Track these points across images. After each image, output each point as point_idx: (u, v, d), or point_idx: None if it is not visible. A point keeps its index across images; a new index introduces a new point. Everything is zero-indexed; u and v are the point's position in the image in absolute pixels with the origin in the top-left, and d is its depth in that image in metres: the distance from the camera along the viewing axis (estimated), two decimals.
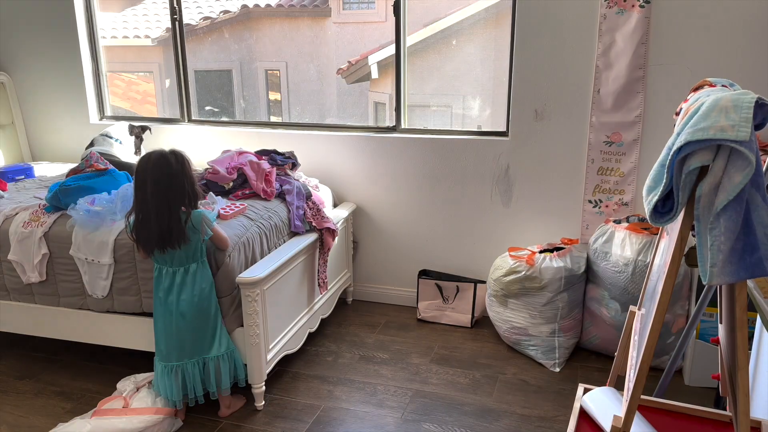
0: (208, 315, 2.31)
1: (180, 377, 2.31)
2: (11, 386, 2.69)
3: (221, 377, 2.35)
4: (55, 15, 3.69)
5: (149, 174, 2.16)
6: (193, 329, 2.29)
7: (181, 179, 2.18)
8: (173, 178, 2.17)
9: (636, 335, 1.61)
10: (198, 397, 2.36)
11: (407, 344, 3.01)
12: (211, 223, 2.29)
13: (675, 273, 1.22)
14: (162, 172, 2.16)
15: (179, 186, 2.18)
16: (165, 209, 2.17)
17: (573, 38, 2.84)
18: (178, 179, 2.17)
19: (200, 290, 2.28)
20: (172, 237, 2.18)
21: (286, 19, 4.27)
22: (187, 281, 2.27)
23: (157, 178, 2.16)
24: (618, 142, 2.87)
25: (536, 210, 3.10)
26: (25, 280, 2.61)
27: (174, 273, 2.27)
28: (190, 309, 2.27)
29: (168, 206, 2.17)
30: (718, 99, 1.12)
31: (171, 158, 2.18)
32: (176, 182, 2.17)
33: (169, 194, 2.17)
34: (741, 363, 1.24)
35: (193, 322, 2.29)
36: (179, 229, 2.18)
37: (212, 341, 2.33)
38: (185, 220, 2.20)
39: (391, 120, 3.37)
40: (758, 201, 1.11)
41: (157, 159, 2.17)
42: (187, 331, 2.29)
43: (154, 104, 4.70)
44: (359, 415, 2.44)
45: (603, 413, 1.63)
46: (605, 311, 2.76)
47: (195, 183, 2.24)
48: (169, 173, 2.16)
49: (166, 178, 2.16)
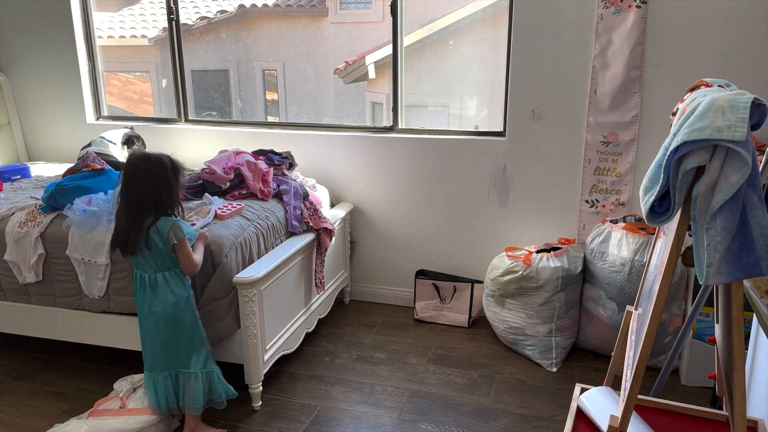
0: (181, 327, 2.19)
1: (152, 386, 2.23)
2: (8, 387, 2.68)
3: (193, 396, 2.20)
4: (51, 14, 3.68)
5: (125, 173, 2.10)
6: (164, 340, 2.19)
7: (154, 183, 2.08)
8: (144, 181, 2.08)
9: (633, 335, 1.61)
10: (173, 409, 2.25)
11: (404, 344, 3.01)
12: (183, 236, 2.12)
13: (672, 273, 1.22)
14: (136, 172, 2.08)
15: (150, 190, 2.08)
16: (133, 211, 2.09)
17: (570, 38, 2.85)
18: (151, 183, 2.08)
19: (172, 301, 2.17)
20: (129, 241, 2.09)
21: (283, 18, 4.26)
22: (158, 289, 2.16)
23: (129, 178, 2.09)
24: (615, 142, 2.88)
25: (533, 210, 3.10)
26: (22, 281, 2.60)
27: (146, 278, 2.17)
28: (161, 319, 2.17)
29: (136, 209, 2.09)
30: (715, 99, 1.12)
31: (152, 161, 2.09)
32: (147, 185, 2.08)
33: (138, 196, 2.08)
34: (737, 363, 1.24)
35: (164, 333, 2.18)
36: (137, 233, 2.08)
37: (188, 356, 2.21)
38: (149, 226, 2.09)
39: (388, 120, 3.37)
40: (754, 201, 1.12)
41: (135, 159, 2.11)
42: (157, 340, 2.20)
43: (150, 104, 4.69)
44: (356, 415, 2.44)
45: (600, 413, 1.63)
46: (602, 311, 2.76)
47: (173, 191, 2.13)
48: (142, 176, 2.08)
49: (137, 180, 2.08)
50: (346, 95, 3.97)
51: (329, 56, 3.98)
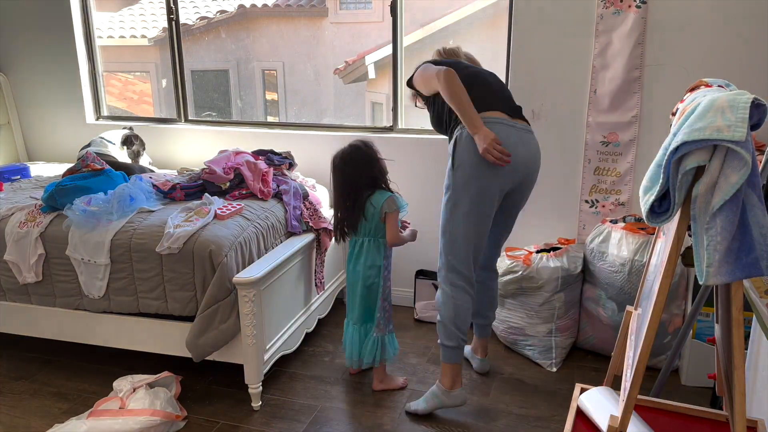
0: (372, 291, 2.52)
1: (347, 337, 2.60)
2: (7, 387, 2.68)
3: (367, 351, 2.53)
4: (51, 14, 3.68)
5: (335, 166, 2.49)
6: (361, 297, 2.53)
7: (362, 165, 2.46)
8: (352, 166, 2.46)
9: (633, 335, 1.61)
10: (355, 362, 2.59)
11: (404, 344, 3.01)
12: (394, 209, 2.44)
13: (671, 273, 1.22)
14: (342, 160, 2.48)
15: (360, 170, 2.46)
16: (350, 194, 2.48)
17: (570, 39, 2.85)
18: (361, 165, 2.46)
19: (368, 265, 2.49)
20: (353, 208, 2.48)
21: (283, 19, 4.27)
22: (362, 253, 2.51)
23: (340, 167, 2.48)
24: (614, 142, 2.88)
25: (533, 210, 3.10)
26: (21, 281, 2.60)
27: (355, 243, 2.54)
28: (358, 279, 2.52)
29: (352, 190, 2.47)
30: (714, 99, 1.13)
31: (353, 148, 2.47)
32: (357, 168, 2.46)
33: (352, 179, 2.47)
34: (737, 362, 1.24)
35: (360, 292, 2.52)
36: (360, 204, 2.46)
37: (372, 315, 2.55)
38: (365, 199, 2.46)
39: (388, 120, 3.37)
40: (754, 201, 1.12)
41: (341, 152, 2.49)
42: (354, 297, 2.56)
43: (150, 104, 4.70)
44: (356, 415, 2.44)
45: (600, 413, 1.63)
46: (602, 311, 2.76)
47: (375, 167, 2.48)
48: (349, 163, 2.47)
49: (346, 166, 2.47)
50: (346, 95, 3.98)
51: (329, 56, 3.98)
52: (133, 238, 2.45)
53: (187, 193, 2.79)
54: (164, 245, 2.37)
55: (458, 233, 2.27)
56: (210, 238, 2.37)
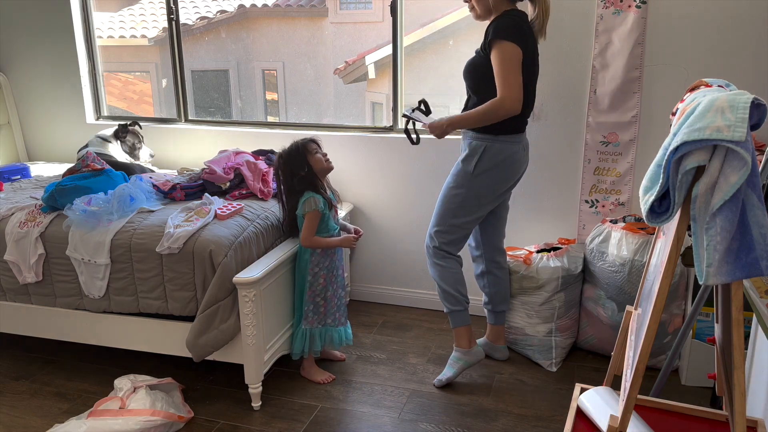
0: (299, 285, 2.61)
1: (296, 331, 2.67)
2: (7, 387, 2.68)
3: (296, 341, 2.61)
4: (51, 14, 3.68)
5: (277, 163, 2.61)
6: (297, 291, 2.64)
7: (299, 163, 2.54)
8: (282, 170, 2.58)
9: (632, 335, 1.61)
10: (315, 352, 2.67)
11: (404, 344, 3.01)
12: (309, 210, 2.48)
13: (671, 273, 1.22)
14: (286, 158, 2.57)
15: (296, 168, 2.54)
16: (287, 188, 2.59)
17: (569, 38, 2.85)
18: (295, 164, 2.55)
19: (298, 261, 2.60)
20: (289, 209, 2.60)
21: (283, 18, 4.27)
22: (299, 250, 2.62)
23: (279, 164, 2.59)
24: (614, 142, 2.88)
25: (533, 210, 3.10)
26: (21, 281, 2.60)
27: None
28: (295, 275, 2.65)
29: (288, 185, 2.57)
30: (714, 99, 1.13)
31: (284, 151, 2.57)
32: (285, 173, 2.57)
33: (287, 174, 2.56)
34: (737, 362, 1.24)
35: (297, 286, 2.64)
36: (293, 204, 2.58)
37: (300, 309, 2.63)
38: (299, 198, 2.54)
39: (388, 120, 3.37)
40: (754, 201, 1.12)
41: (280, 153, 2.59)
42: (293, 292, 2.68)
43: (150, 104, 4.70)
44: (356, 415, 2.44)
45: (600, 413, 1.63)
46: (602, 311, 2.76)
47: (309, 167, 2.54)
48: (281, 166, 2.58)
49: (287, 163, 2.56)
50: (346, 95, 3.98)
51: (329, 56, 3.97)
52: (134, 238, 2.45)
53: (187, 193, 2.79)
54: (164, 245, 2.38)
55: (458, 223, 2.52)
56: (210, 238, 2.38)
